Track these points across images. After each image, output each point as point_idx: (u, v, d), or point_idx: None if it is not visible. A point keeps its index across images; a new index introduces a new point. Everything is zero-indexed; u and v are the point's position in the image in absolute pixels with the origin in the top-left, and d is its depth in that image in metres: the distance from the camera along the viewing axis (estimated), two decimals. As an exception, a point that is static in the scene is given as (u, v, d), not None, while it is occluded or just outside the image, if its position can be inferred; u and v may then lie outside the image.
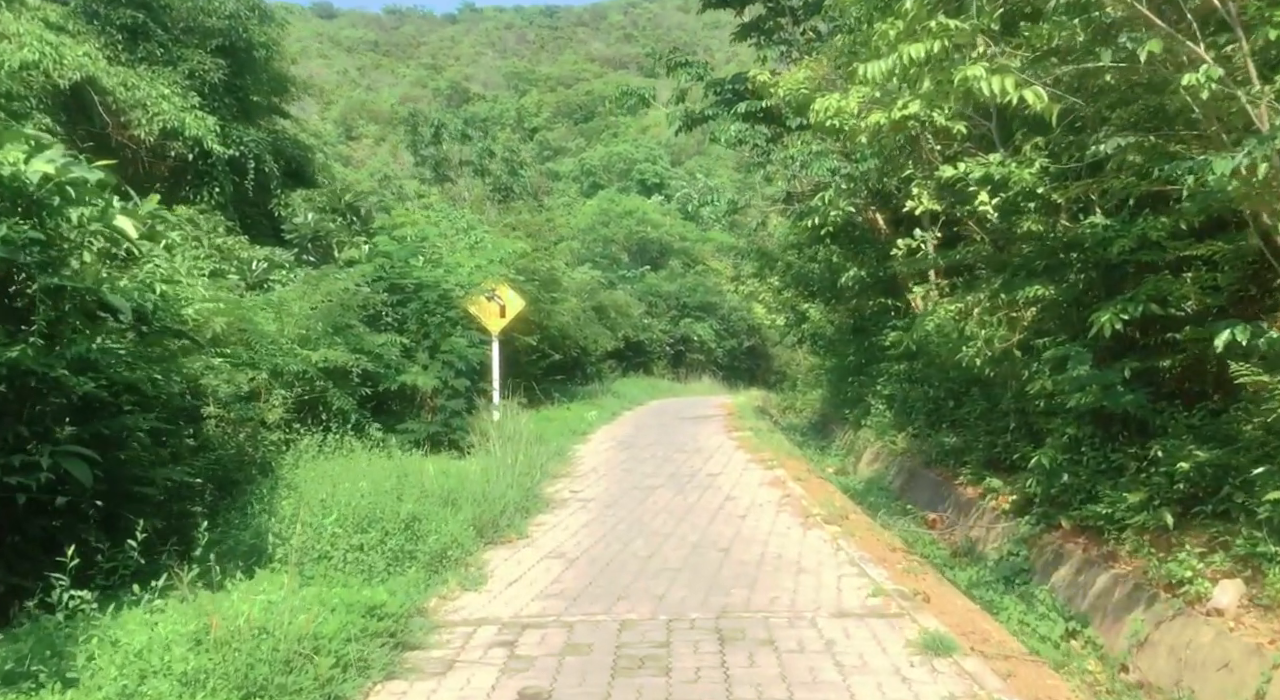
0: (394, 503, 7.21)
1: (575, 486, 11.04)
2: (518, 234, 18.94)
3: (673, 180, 70.89)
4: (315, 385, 10.32)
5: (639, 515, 9.14)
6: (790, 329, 25.23)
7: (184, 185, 14.50)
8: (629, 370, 36.31)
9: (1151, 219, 7.46)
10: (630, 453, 14.19)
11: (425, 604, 5.95)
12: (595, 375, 29.90)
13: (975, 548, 9.35)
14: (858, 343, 17.76)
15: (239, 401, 9.44)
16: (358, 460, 9.11)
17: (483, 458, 10.24)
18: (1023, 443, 9.45)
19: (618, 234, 49.00)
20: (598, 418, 18.82)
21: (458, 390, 11.77)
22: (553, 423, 16.47)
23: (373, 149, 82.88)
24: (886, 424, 14.86)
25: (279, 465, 8.68)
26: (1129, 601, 6.58)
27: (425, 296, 11.84)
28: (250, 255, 13.13)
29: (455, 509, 7.88)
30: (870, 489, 12.93)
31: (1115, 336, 7.40)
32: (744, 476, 11.57)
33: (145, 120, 13.59)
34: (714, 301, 45.49)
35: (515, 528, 8.35)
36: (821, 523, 8.54)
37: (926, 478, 11.93)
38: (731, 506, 9.52)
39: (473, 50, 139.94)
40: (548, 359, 21.15)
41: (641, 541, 7.93)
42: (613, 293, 32.23)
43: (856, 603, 5.93)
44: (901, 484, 12.70)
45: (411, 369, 11.54)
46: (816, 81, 9.48)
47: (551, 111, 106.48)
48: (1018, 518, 8.93)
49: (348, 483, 7.68)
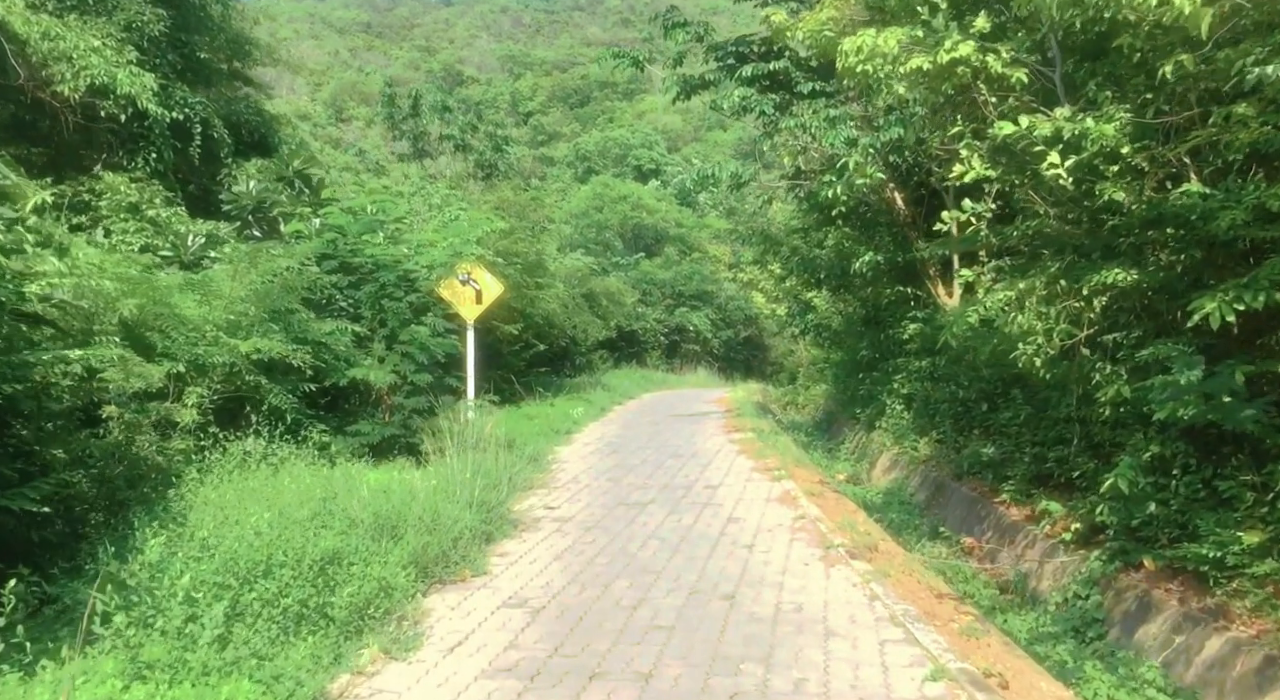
0: (309, 537, 5.64)
1: (552, 501, 9.47)
2: (500, 213, 17.29)
3: (669, 166, 69.31)
4: (246, 380, 8.73)
5: (624, 543, 7.58)
6: (793, 320, 23.68)
7: (117, 150, 12.84)
8: (621, 361, 34.73)
9: (1269, 186, 5.90)
10: (618, 458, 12.62)
11: (327, 687, 4.39)
12: (585, 366, 28.34)
13: (1028, 583, 7.81)
14: (870, 335, 16.20)
15: (138, 401, 7.87)
16: (289, 472, 7.55)
17: (443, 467, 8.65)
18: (1085, 458, 7.91)
19: (611, 220, 47.31)
20: (584, 414, 17.24)
21: (418, 386, 10.19)
22: (533, 421, 14.89)
23: (363, 131, 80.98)
24: (905, 427, 13.32)
25: (183, 480, 7.11)
26: (1260, 679, 5.04)
27: (382, 278, 10.25)
28: (189, 229, 11.49)
29: (395, 540, 6.31)
30: (890, 502, 11.39)
31: (1219, 333, 5.85)
32: (748, 489, 10.02)
33: (70, 75, 11.90)
34: (710, 290, 43.97)
35: (471, 561, 6.78)
36: (846, 557, 6.99)
37: (957, 492, 10.39)
38: (736, 531, 7.96)
39: (467, 33, 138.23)
40: (532, 350, 19.57)
41: (626, 582, 6.37)
42: (604, 280, 30.59)
43: (912, 693, 4.37)
44: (927, 498, 11.16)
45: (364, 362, 9.96)
46: (842, 23, 7.92)
47: (546, 96, 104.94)
48: (1082, 550, 7.39)
49: (257, 508, 6.12)
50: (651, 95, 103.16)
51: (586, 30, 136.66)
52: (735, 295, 43.72)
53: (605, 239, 46.34)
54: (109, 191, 11.62)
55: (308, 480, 7.12)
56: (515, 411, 15.52)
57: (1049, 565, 7.69)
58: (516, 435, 12.88)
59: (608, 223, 47.07)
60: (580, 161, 74.18)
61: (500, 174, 22.89)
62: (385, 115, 22.98)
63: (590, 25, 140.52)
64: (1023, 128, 6.74)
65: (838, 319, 20.80)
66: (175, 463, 7.48)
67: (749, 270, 31.92)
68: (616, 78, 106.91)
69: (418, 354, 10.20)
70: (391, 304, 10.25)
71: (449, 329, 11.45)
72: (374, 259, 10.22)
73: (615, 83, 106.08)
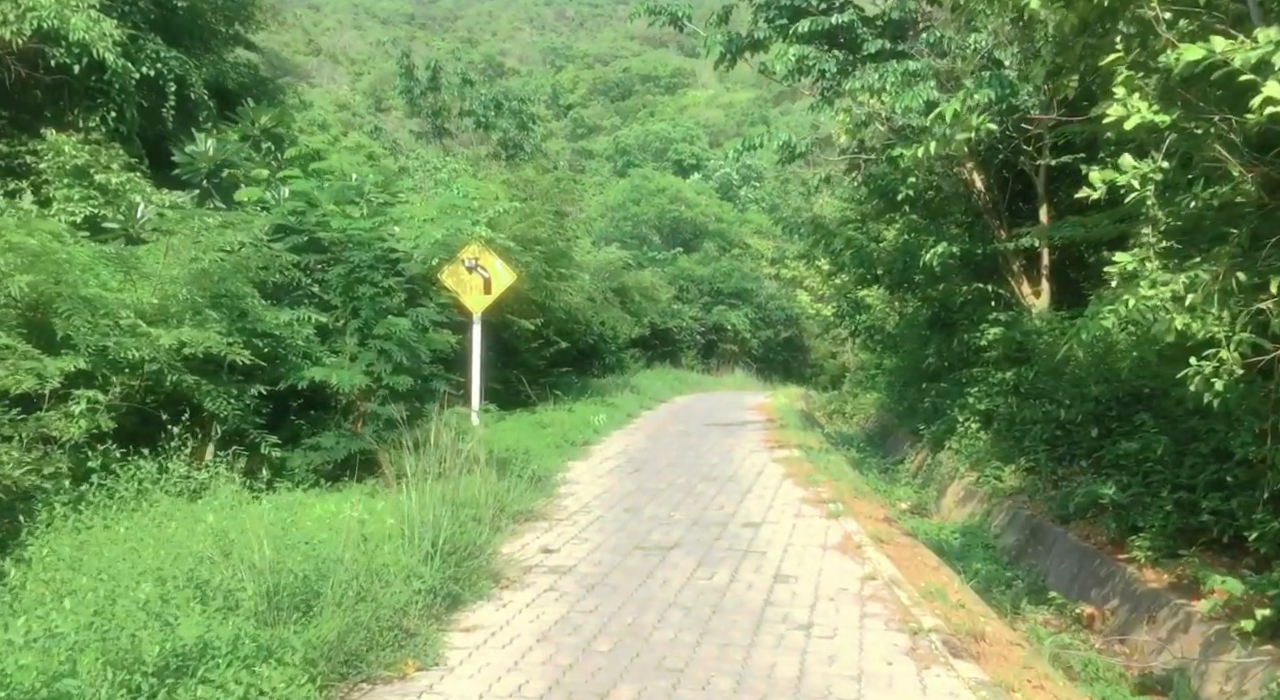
0: (158, 627, 3.78)
1: (551, 540, 7.56)
2: (518, 194, 15.42)
3: (710, 161, 67.40)
4: (168, 380, 6.93)
5: (636, 613, 5.63)
6: (841, 320, 21.57)
7: (71, 108, 11.18)
8: (654, 360, 32.76)
9: None
10: (640, 479, 10.68)
11: None
12: (615, 366, 26.45)
13: (1188, 683, 5.74)
14: (938, 340, 14.07)
15: (25, 405, 6.14)
16: (190, 510, 5.73)
17: (409, 495, 6.78)
18: (1271, 516, 5.82)
19: (649, 213, 45.32)
20: (607, 422, 15.31)
21: (396, 391, 8.33)
22: (547, 430, 13.00)
23: (401, 121, 79.92)
24: (983, 450, 11.22)
25: (47, 519, 5.31)
26: None
27: (354, 258, 8.40)
28: (143, 197, 9.76)
29: (305, 621, 4.45)
30: (971, 545, 9.32)
31: None
32: (799, 530, 8.02)
33: (14, 16, 10.26)
34: (750, 288, 41.88)
35: (420, 645, 4.87)
36: (944, 650, 4.98)
37: (1062, 540, 8.30)
38: (786, 598, 5.98)
39: (510, 26, 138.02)
40: (553, 347, 17.67)
41: (631, 690, 4.42)
42: (638, 274, 28.64)
43: None
44: (1018, 543, 9.08)
45: (326, 361, 8.12)
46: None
47: (587, 88, 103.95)
48: (1272, 647, 5.31)
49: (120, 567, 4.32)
50: (694, 89, 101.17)
51: (630, 24, 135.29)
52: (776, 294, 41.65)
53: (641, 233, 44.43)
54: (51, 152, 9.94)
55: (212, 520, 5.27)
56: (527, 418, 13.65)
57: (1217, 664, 5.61)
58: (524, 448, 11.01)
59: (644, 216, 45.13)
60: (619, 156, 72.67)
61: (526, 155, 21.03)
62: (402, 89, 21.22)
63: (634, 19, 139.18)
64: (1218, 53, 4.69)
65: (894, 320, 18.69)
66: (49, 492, 5.69)
67: (793, 266, 29.83)
68: (659, 71, 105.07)
69: (396, 351, 8.34)
70: (366, 290, 8.40)
71: (441, 322, 9.59)
72: (344, 234, 8.38)
73: (658, 76, 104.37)
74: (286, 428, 8.47)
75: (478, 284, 12.86)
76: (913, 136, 11.41)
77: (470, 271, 12.78)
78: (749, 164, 64.97)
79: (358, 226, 8.36)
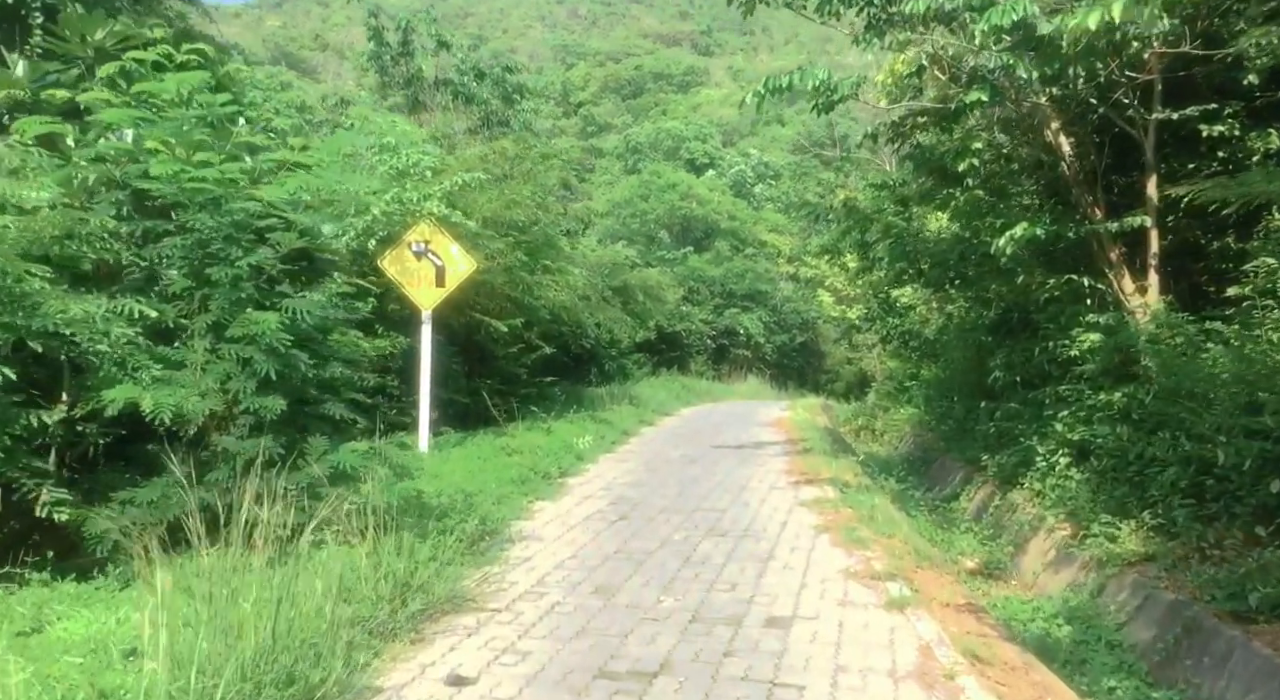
0: None
1: (469, 658, 4.86)
2: (489, 167, 12.78)
3: (723, 160, 64.92)
4: None
5: None
6: (873, 322, 18.87)
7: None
8: (661, 366, 30.11)
9: None
10: (623, 536, 7.98)
11: None
12: (616, 373, 23.83)
13: None
14: (1006, 348, 11.30)
15: None
16: None
17: (280, 571, 4.13)
18: None
19: (658, 209, 42.67)
20: (593, 445, 12.62)
21: (260, 418, 5.69)
22: (513, 457, 10.33)
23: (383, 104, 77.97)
24: (1080, 495, 8.47)
25: None
26: None
27: (201, 225, 5.76)
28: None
29: None
30: (1087, 643, 6.58)
31: None
32: (848, 634, 5.32)
33: None
34: (764, 290, 39.29)
35: None
36: None
37: (1244, 653, 5.55)
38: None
39: (522, 23, 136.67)
40: (536, 353, 15.04)
41: None
42: (642, 272, 25.99)
43: None
44: (1158, 640, 6.31)
45: (152, 373, 5.47)
46: None
47: (599, 86, 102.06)
48: None
49: None
50: (707, 88, 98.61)
51: (643, 22, 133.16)
52: (792, 296, 39.04)
53: (650, 231, 41.81)
54: None
55: None
56: (490, 442, 10.96)
57: None
58: (476, 487, 8.37)
59: (653, 213, 42.49)
60: (630, 154, 70.44)
61: (512, 130, 18.42)
62: (372, 55, 18.65)
63: (647, 17, 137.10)
64: None
65: (938, 322, 15.97)
66: None
67: (814, 263, 27.15)
68: (672, 69, 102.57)
69: (261, 361, 5.69)
70: (219, 271, 5.75)
71: (350, 319, 6.96)
72: (181, 188, 5.74)
73: (671, 74, 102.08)
74: (105, 474, 5.87)
75: (428, 274, 10.26)
76: (990, 81, 8.73)
77: (419, 257, 10.18)
78: (765, 161, 62.31)
79: (197, 177, 5.71)
